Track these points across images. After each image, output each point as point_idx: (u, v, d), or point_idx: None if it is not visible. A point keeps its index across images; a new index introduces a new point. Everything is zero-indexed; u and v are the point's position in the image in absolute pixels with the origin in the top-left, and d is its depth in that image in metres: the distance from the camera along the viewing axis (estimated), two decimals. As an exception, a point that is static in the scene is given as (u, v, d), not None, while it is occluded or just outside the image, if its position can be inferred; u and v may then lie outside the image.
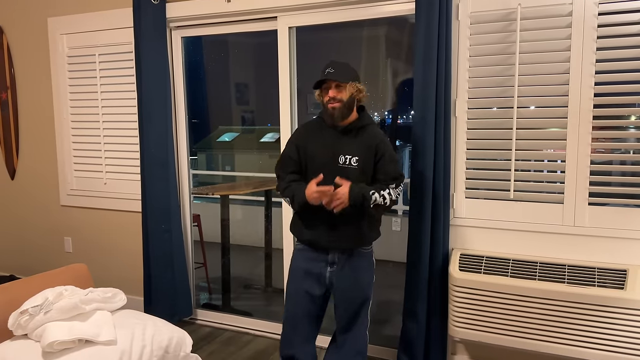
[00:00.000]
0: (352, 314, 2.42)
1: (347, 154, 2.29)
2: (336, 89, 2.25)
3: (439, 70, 2.64)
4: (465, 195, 2.79)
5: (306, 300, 2.40)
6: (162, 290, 3.53)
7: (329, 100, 2.25)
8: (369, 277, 2.45)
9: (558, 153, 2.58)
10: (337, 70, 2.25)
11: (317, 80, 2.28)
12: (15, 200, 4.31)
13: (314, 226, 2.34)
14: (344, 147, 2.30)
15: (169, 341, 2.04)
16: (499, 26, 2.61)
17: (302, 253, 2.43)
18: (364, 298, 2.42)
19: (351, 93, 2.27)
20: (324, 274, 2.38)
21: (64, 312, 1.89)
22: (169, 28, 3.50)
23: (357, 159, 2.28)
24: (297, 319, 2.42)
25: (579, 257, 2.57)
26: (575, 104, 2.50)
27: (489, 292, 2.58)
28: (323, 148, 2.33)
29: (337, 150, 2.30)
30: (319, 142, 2.35)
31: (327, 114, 2.30)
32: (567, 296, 2.41)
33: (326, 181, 2.23)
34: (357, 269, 2.40)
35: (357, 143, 2.31)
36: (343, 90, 2.25)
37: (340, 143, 2.31)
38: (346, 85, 2.25)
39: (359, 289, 2.41)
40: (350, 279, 2.38)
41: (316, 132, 2.39)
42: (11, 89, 4.15)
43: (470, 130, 2.74)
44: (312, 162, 2.34)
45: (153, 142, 3.44)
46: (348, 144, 2.31)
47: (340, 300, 2.41)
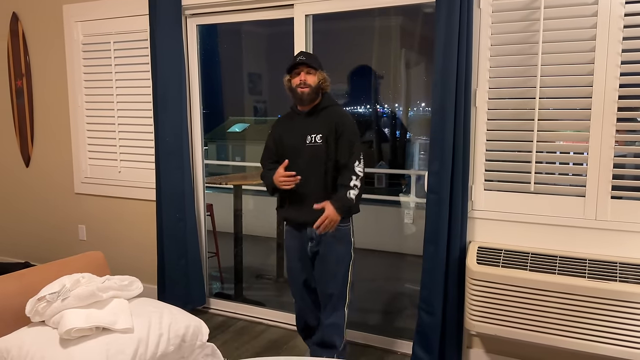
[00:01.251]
0: (326, 291, 2.55)
1: (312, 133, 2.50)
2: (307, 74, 2.48)
3: (459, 60, 2.59)
4: (484, 187, 2.75)
5: (301, 274, 2.64)
6: (176, 279, 3.53)
7: (300, 84, 2.48)
8: (343, 252, 2.56)
9: (580, 145, 2.53)
10: (308, 58, 2.52)
11: (290, 65, 2.52)
12: (30, 188, 4.32)
13: (289, 204, 2.58)
14: (309, 128, 2.52)
15: (186, 329, 2.03)
16: (522, 15, 2.55)
17: (288, 232, 2.66)
18: (338, 273, 2.54)
19: (319, 80, 2.51)
20: (306, 248, 2.59)
21: (81, 299, 1.89)
22: (184, 16, 3.47)
23: (321, 135, 2.49)
24: (298, 292, 2.68)
25: (601, 251, 2.52)
26: (600, 94, 2.44)
27: (507, 286, 2.54)
28: (293, 132, 2.57)
29: (305, 131, 2.52)
30: (289, 128, 2.60)
31: (297, 97, 2.52)
32: (588, 291, 2.37)
33: (298, 162, 2.50)
34: (331, 244, 2.52)
35: (319, 122, 2.52)
36: (312, 76, 2.49)
37: (306, 125, 2.54)
38: (316, 72, 2.50)
39: (332, 263, 2.53)
40: (324, 255, 2.53)
41: (287, 120, 2.65)
42: (26, 77, 4.15)
43: (490, 120, 2.69)
44: (285, 147, 2.58)
45: (168, 131, 3.42)
46: (312, 124, 2.53)
47: (317, 276, 2.58)
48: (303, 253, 2.61)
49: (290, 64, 2.53)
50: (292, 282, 2.70)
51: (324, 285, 2.57)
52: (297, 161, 2.51)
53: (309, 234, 2.55)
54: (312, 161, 2.49)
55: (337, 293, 2.55)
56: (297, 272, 2.65)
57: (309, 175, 2.49)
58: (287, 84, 2.56)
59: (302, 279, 2.66)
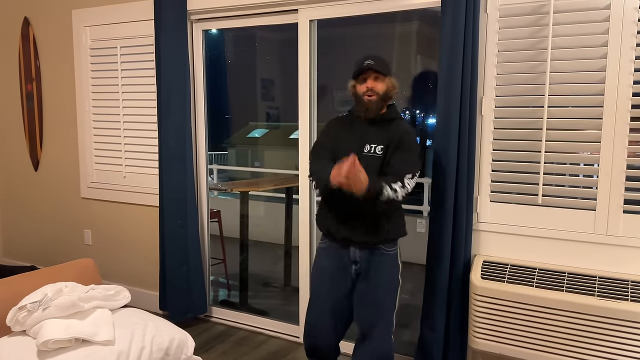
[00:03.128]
0: (371, 317, 2.34)
1: (372, 143, 2.28)
2: (375, 80, 2.25)
3: (464, 66, 2.50)
4: (490, 199, 2.64)
5: (329, 298, 2.38)
6: (177, 287, 3.48)
7: (367, 92, 2.25)
8: (390, 278, 2.36)
9: (591, 156, 2.41)
10: (377, 62, 2.25)
11: (357, 69, 2.26)
12: (38, 192, 4.33)
13: (333, 216, 2.33)
14: (370, 137, 2.30)
15: (170, 343, 1.97)
16: (530, 20, 2.45)
17: (325, 250, 2.42)
18: (383, 301, 2.33)
19: (387, 87, 2.28)
20: (345, 271, 2.36)
21: (62, 309, 1.84)
22: (190, 21, 3.44)
23: (381, 147, 2.27)
24: (320, 315, 2.40)
25: (611, 268, 2.39)
26: (612, 103, 2.32)
27: (513, 303, 2.43)
28: (351, 138, 2.33)
29: (364, 139, 2.30)
30: (347, 134, 2.36)
31: (362, 106, 2.28)
32: (597, 310, 2.24)
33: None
34: (380, 269, 2.32)
35: (382, 133, 2.29)
36: (381, 82, 2.26)
37: (367, 133, 2.31)
38: (385, 78, 2.26)
39: (380, 289, 2.33)
40: (369, 280, 2.32)
41: (346, 124, 2.40)
42: (36, 81, 4.17)
43: (497, 129, 2.59)
44: (338, 153, 2.31)
45: (171, 135, 3.39)
46: (374, 133, 2.30)
47: (359, 301, 2.36)
48: (339, 275, 2.37)
49: (357, 67, 2.27)
50: (316, 304, 2.43)
51: (369, 311, 2.33)
52: None
53: (352, 256, 2.33)
54: (366, 172, 2.17)
55: (385, 320, 2.34)
56: (325, 295, 2.39)
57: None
58: (352, 90, 2.32)
59: (329, 303, 2.38)
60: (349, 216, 2.29)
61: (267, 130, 7.93)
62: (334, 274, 2.38)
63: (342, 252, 2.35)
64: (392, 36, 5.74)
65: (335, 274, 2.38)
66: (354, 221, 2.28)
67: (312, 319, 2.46)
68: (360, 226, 2.28)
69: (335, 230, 2.34)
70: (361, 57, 2.29)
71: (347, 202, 2.22)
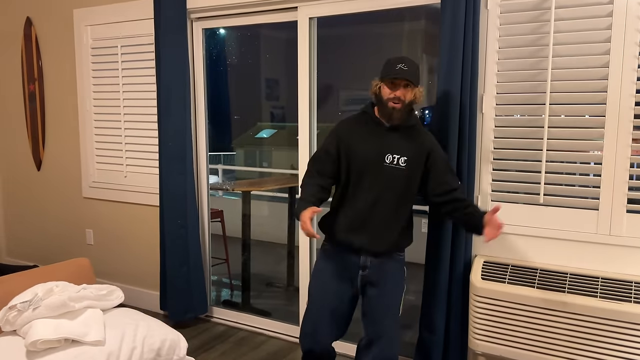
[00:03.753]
0: (382, 322, 2.29)
1: (395, 153, 2.17)
2: (404, 88, 2.13)
3: (464, 63, 2.46)
4: (491, 198, 2.60)
5: (332, 301, 2.28)
6: (177, 287, 3.47)
7: (394, 99, 2.13)
8: (399, 284, 2.33)
9: (594, 155, 2.36)
10: (410, 69, 2.11)
11: (388, 72, 2.12)
12: (40, 191, 4.34)
13: (350, 227, 2.22)
14: (391, 146, 2.18)
15: (162, 343, 1.95)
16: (532, 15, 2.40)
17: (331, 254, 2.32)
18: (395, 305, 2.30)
19: (415, 96, 2.17)
20: (355, 277, 2.29)
21: (52, 309, 1.82)
22: (190, 19, 3.42)
23: (405, 159, 2.17)
24: (320, 318, 2.29)
25: (614, 269, 2.34)
26: (615, 100, 2.27)
27: (514, 304, 2.38)
28: (368, 145, 2.20)
29: (384, 147, 2.18)
30: (363, 138, 2.22)
31: (385, 112, 2.17)
32: (600, 312, 2.19)
33: (368, 180, 2.18)
34: (390, 275, 2.28)
35: (406, 143, 2.19)
36: (410, 91, 2.15)
37: (388, 140, 2.19)
38: (415, 88, 2.15)
39: (391, 296, 2.29)
40: (382, 286, 2.27)
41: (360, 126, 2.26)
42: (39, 81, 4.17)
43: (497, 128, 2.54)
44: (355, 160, 2.21)
45: (171, 135, 3.37)
46: (396, 143, 2.19)
47: (370, 307, 2.29)
48: (343, 280, 2.29)
49: (388, 69, 2.12)
50: (315, 308, 2.31)
51: (380, 316, 2.27)
52: (367, 179, 2.17)
53: (363, 262, 2.25)
54: (386, 184, 2.16)
55: (393, 327, 2.28)
56: (326, 300, 2.28)
57: (378, 198, 2.17)
58: (376, 90, 2.18)
59: (331, 307, 2.29)
60: (364, 227, 2.20)
61: (275, 131, 7.91)
62: (336, 279, 2.29)
63: (349, 257, 2.27)
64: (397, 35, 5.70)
65: (338, 278, 2.29)
66: (374, 232, 2.20)
67: (310, 323, 2.34)
68: (380, 238, 2.21)
69: (346, 239, 2.23)
70: (394, 57, 2.15)
71: (361, 213, 2.18)
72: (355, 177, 2.21)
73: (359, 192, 2.20)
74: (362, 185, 2.19)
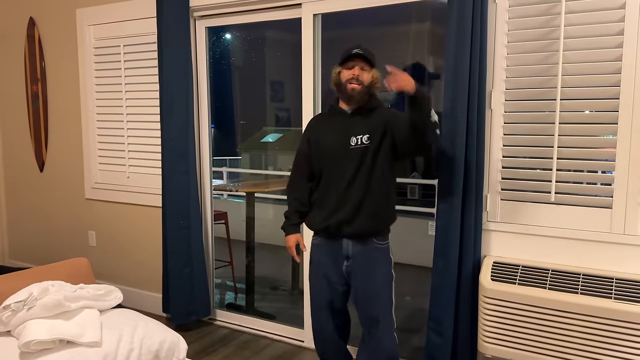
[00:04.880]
0: (372, 313, 2.29)
1: (358, 134, 2.23)
2: (361, 70, 2.23)
3: (472, 58, 2.39)
4: (501, 197, 2.53)
5: (326, 294, 2.37)
6: (180, 289, 3.41)
7: (351, 79, 2.21)
8: (385, 272, 2.31)
9: (607, 151, 2.28)
10: (366, 52, 2.24)
11: (344, 56, 2.23)
12: (43, 193, 4.30)
13: (330, 211, 2.28)
14: (354, 129, 2.25)
15: (160, 345, 1.89)
16: (541, 9, 2.34)
17: (317, 247, 2.39)
18: (381, 295, 2.28)
19: (372, 78, 2.25)
20: (341, 268, 2.33)
21: (47, 309, 1.77)
22: (193, 18, 3.38)
23: (368, 136, 2.22)
24: (321, 314, 2.40)
25: (629, 269, 2.26)
26: (629, 95, 2.19)
27: (525, 306, 2.31)
28: (333, 133, 2.30)
29: (348, 132, 2.25)
30: (329, 129, 2.33)
31: (345, 94, 2.26)
32: (614, 314, 2.11)
33: (340, 167, 2.24)
34: (372, 264, 2.28)
35: (367, 122, 2.25)
36: (367, 73, 2.24)
37: (350, 124, 2.27)
38: (371, 69, 2.25)
39: (375, 285, 2.28)
40: (365, 275, 2.28)
41: (325, 120, 2.39)
42: (41, 81, 4.14)
43: (507, 124, 2.47)
44: (324, 150, 2.31)
45: (173, 135, 3.33)
46: (358, 124, 2.26)
47: (357, 298, 2.32)
48: (334, 272, 2.34)
49: (344, 54, 2.25)
50: (315, 302, 2.41)
51: (368, 307, 2.29)
52: (338, 166, 2.25)
53: (345, 251, 2.29)
54: (357, 165, 2.22)
55: (385, 316, 2.28)
56: (323, 290, 2.36)
57: (352, 179, 2.22)
58: (335, 77, 2.28)
59: (327, 299, 2.37)
60: (340, 207, 2.25)
61: (280, 135, 7.88)
62: (329, 271, 2.35)
63: (335, 246, 2.31)
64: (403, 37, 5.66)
65: (330, 270, 2.35)
66: (351, 209, 2.23)
67: (315, 320, 2.45)
68: (357, 214, 2.23)
69: (326, 223, 2.28)
70: (350, 46, 2.27)
71: (338, 197, 2.24)
72: (327, 166, 2.28)
73: (334, 179, 2.27)
74: (336, 172, 2.26)
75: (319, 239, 2.38)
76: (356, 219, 2.23)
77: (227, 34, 5.72)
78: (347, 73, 2.23)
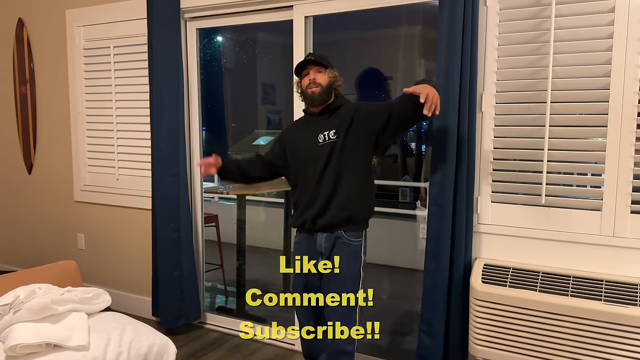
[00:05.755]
0: (334, 309, 2.29)
1: (324, 132, 2.32)
2: (316, 73, 2.33)
3: (463, 61, 2.40)
4: (491, 199, 2.53)
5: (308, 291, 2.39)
6: (170, 292, 3.38)
7: (309, 84, 2.33)
8: (352, 270, 2.30)
9: (597, 153, 2.29)
10: (317, 56, 2.37)
11: (298, 66, 2.38)
12: (31, 195, 4.26)
13: (305, 207, 2.34)
14: (321, 127, 2.34)
15: (149, 349, 1.87)
16: (532, 12, 2.35)
17: (299, 246, 2.42)
18: (346, 291, 2.27)
19: (330, 78, 2.34)
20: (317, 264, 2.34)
21: (34, 312, 1.74)
22: (184, 19, 3.37)
23: (334, 131, 2.30)
24: (302, 312, 2.46)
25: (619, 271, 2.27)
26: (618, 98, 2.21)
27: (515, 308, 2.31)
28: (303, 135, 2.40)
29: (317, 132, 2.34)
30: (300, 132, 2.45)
31: (307, 98, 2.37)
32: (604, 316, 2.12)
33: (313, 166, 2.30)
34: (340, 260, 2.29)
35: (333, 119, 2.35)
36: (322, 75, 2.33)
37: (318, 125, 2.36)
38: (326, 71, 2.35)
39: (339, 282, 2.28)
40: (333, 271, 2.29)
41: (299, 124, 2.52)
42: (30, 83, 4.11)
43: (497, 127, 2.48)
44: (296, 152, 2.41)
45: (164, 136, 3.30)
46: (325, 123, 2.35)
47: (325, 292, 2.32)
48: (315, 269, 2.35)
49: (297, 65, 2.39)
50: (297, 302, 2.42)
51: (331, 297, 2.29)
52: (309, 165, 2.33)
53: (319, 246, 2.31)
54: (326, 160, 2.28)
55: (345, 315, 2.27)
56: (301, 288, 2.39)
57: (322, 175, 2.29)
58: (297, 87, 2.44)
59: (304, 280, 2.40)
60: (315, 201, 2.30)
61: (271, 138, 7.87)
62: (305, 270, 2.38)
63: (311, 241, 2.35)
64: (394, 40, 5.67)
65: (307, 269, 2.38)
66: (323, 202, 2.28)
67: (301, 322, 2.48)
68: (329, 205, 2.28)
69: (302, 218, 2.34)
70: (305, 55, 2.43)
71: (313, 194, 2.30)
72: (300, 167, 2.37)
73: (307, 179, 2.35)
74: (307, 171, 2.34)
75: (299, 235, 2.44)
76: (327, 211, 2.28)
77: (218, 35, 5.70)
78: (305, 80, 2.36)
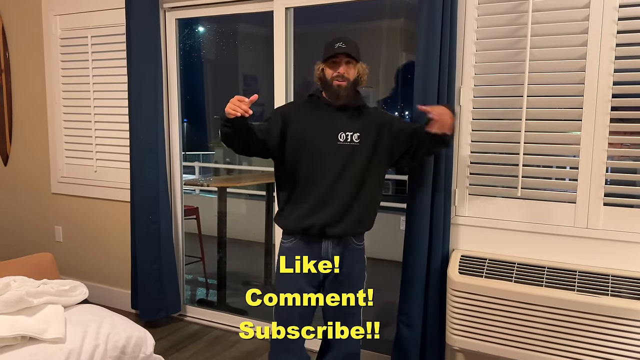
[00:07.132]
0: (350, 319, 2.24)
1: (347, 131, 2.13)
2: (347, 65, 2.11)
3: (442, 54, 2.41)
4: (469, 192, 2.56)
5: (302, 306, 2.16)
6: (149, 285, 3.36)
7: (337, 77, 2.09)
8: (363, 276, 2.29)
9: (571, 147, 2.33)
10: (349, 46, 2.11)
11: (328, 52, 2.10)
12: (7, 187, 4.19)
13: (312, 209, 2.10)
14: (342, 125, 2.14)
15: (127, 341, 1.86)
16: (510, 6, 2.38)
17: (292, 250, 2.17)
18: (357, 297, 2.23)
19: (358, 73, 2.15)
20: (319, 273, 2.17)
21: (8, 305, 1.72)
22: (163, 9, 3.33)
23: (358, 135, 2.13)
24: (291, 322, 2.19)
25: (592, 262, 2.32)
26: (592, 92, 2.25)
27: (491, 298, 2.35)
28: (318, 126, 2.15)
29: (336, 127, 2.13)
30: (312, 121, 2.16)
31: (331, 91, 2.13)
32: (578, 305, 2.17)
33: (325, 161, 2.11)
34: (354, 267, 2.22)
35: (356, 121, 2.16)
36: (352, 68, 2.13)
37: (338, 120, 2.15)
38: (357, 63, 2.14)
39: (355, 290, 2.22)
40: (347, 279, 2.21)
41: (309, 109, 2.21)
42: (5, 73, 4.03)
43: (475, 120, 2.51)
44: (306, 142, 2.13)
45: (142, 128, 3.27)
46: (347, 121, 2.15)
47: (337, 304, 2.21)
48: (309, 277, 2.16)
49: (328, 51, 2.11)
50: (286, 313, 2.18)
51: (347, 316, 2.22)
52: (322, 161, 2.11)
53: (325, 253, 2.15)
54: (345, 162, 2.10)
55: (357, 321, 2.25)
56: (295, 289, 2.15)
57: (338, 177, 2.10)
58: (319, 74, 2.15)
59: (299, 310, 2.16)
60: (324, 205, 2.09)
61: (253, 130, 7.82)
62: (303, 276, 2.16)
63: (315, 249, 2.15)
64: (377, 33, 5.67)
65: (305, 276, 2.16)
66: (337, 209, 2.09)
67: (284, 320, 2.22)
68: (342, 214, 2.10)
69: (307, 222, 2.10)
70: (331, 39, 2.13)
71: (320, 193, 2.09)
72: (308, 159, 2.12)
73: (316, 174, 2.12)
74: (319, 167, 2.11)
75: (294, 240, 2.18)
76: (342, 222, 2.11)
77: (198, 26, 5.64)
78: (331, 71, 2.11)
